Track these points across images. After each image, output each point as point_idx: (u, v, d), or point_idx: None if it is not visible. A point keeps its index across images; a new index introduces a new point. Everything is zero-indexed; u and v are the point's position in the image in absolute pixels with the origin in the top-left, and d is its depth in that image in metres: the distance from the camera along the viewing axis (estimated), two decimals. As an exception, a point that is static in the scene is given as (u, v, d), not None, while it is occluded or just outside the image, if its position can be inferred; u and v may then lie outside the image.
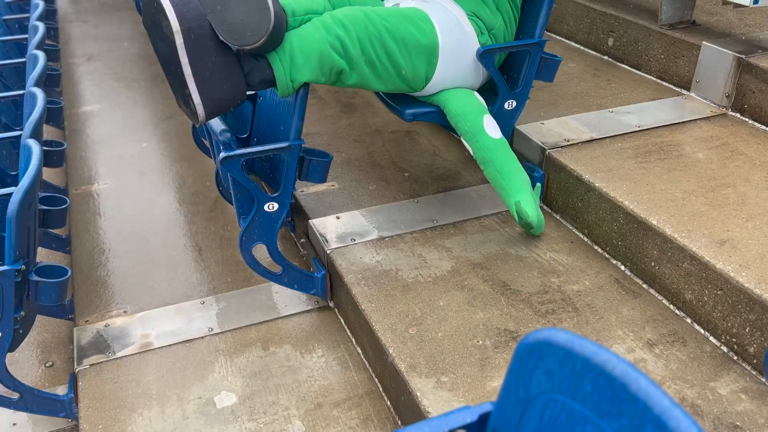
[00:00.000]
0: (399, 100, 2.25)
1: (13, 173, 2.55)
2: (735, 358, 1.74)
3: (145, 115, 3.71)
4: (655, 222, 1.94)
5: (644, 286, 2.01)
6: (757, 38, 2.69)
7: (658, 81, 2.89)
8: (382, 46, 1.97)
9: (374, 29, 1.96)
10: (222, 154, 1.90)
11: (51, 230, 2.37)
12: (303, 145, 2.00)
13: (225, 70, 1.79)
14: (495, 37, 2.17)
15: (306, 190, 2.58)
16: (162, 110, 3.76)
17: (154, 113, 3.74)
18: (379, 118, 3.21)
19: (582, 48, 3.36)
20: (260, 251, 2.21)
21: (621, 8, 3.18)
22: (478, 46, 2.14)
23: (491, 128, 2.12)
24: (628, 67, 3.07)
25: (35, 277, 1.82)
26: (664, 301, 1.95)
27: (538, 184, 2.29)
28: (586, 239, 2.24)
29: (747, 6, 2.39)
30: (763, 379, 1.67)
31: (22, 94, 2.80)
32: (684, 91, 2.77)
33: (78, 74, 4.27)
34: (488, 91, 2.31)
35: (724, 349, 1.78)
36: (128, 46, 4.84)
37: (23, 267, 1.77)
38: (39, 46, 2.83)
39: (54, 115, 3.05)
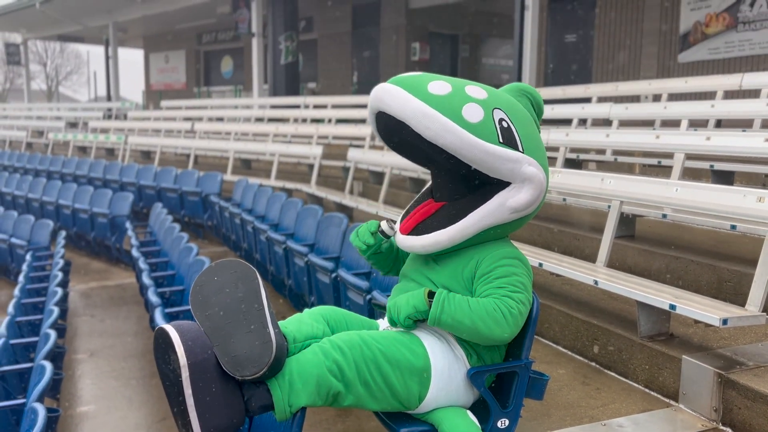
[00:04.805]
0: (394, 418, 2.29)
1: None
2: None
3: (139, 417, 3.70)
4: None
5: None
6: (734, 352, 2.83)
7: (646, 390, 2.97)
8: (377, 368, 2.08)
9: (369, 352, 2.08)
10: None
11: None
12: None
13: (226, 398, 1.87)
14: (484, 359, 2.29)
15: None
16: (157, 411, 3.76)
17: (149, 414, 3.73)
18: (375, 423, 3.20)
19: (569, 353, 3.49)
20: None
21: (602, 318, 3.38)
22: (468, 366, 2.25)
23: (486, 451, 2.13)
24: (615, 375, 3.16)
25: None
26: None
27: (538, 507, 2.23)
28: None
29: (717, 326, 2.56)
30: None
31: (23, 404, 2.84)
32: (673, 402, 2.82)
33: (78, 372, 4.35)
34: (481, 405, 2.36)
35: None
36: (131, 341, 4.99)
37: None
38: (47, 356, 2.94)
39: (50, 423, 3.05)
